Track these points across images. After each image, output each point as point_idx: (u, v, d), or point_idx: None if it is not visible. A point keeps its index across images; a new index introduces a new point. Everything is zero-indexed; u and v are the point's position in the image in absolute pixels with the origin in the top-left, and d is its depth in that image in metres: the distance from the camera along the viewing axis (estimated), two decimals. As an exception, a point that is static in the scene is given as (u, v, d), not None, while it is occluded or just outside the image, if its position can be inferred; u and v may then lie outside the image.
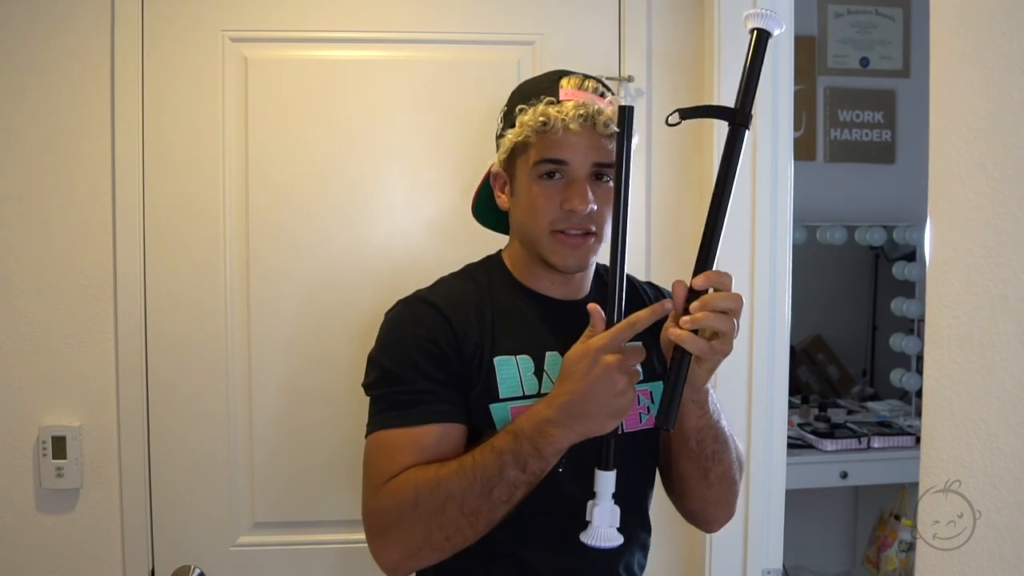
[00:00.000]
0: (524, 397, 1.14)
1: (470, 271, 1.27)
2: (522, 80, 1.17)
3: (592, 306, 1.03)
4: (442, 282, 1.24)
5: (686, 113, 1.02)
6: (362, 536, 1.09)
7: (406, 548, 1.05)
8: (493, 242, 1.32)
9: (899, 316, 2.96)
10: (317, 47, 1.66)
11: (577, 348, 1.02)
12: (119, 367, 1.62)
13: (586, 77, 1.18)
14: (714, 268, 1.02)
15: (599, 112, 1.12)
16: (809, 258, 2.69)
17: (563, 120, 1.11)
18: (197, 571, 1.65)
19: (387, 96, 1.67)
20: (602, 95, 1.17)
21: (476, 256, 1.29)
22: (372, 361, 1.15)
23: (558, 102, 1.13)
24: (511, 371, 1.15)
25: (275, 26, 1.65)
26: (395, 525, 1.05)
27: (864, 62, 2.93)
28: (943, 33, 0.86)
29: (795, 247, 1.75)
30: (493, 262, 1.28)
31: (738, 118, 1.02)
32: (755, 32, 1.03)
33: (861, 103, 2.93)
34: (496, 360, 1.15)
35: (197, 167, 1.64)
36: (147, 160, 1.62)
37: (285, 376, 1.68)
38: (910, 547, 2.70)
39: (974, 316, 0.82)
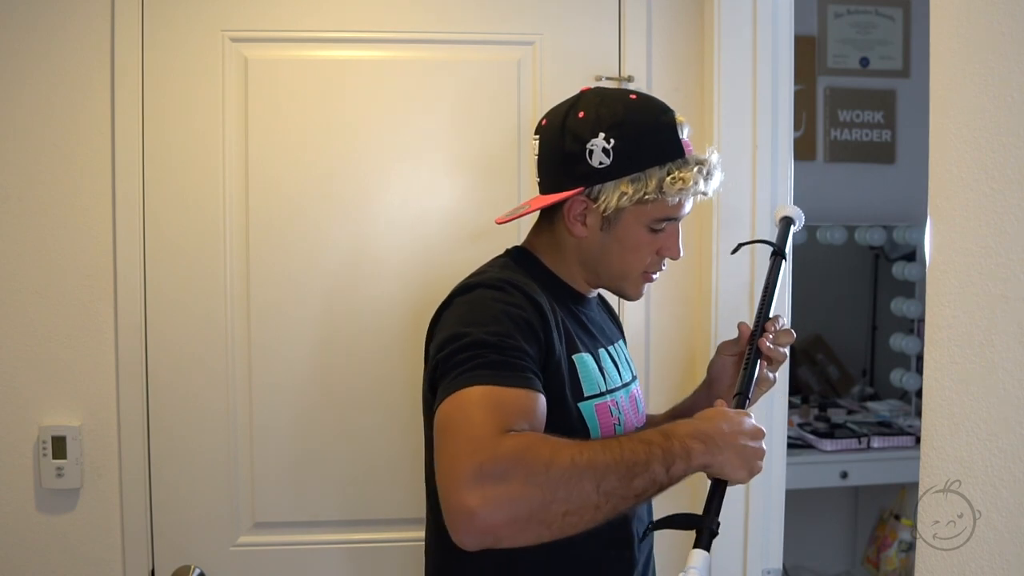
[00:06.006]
0: (599, 395, 1.18)
1: (511, 265, 1.22)
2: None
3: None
4: (504, 272, 1.17)
5: (743, 245, 1.41)
6: (363, 536, 1.08)
7: (515, 510, 0.91)
8: (495, 241, 1.32)
9: (899, 316, 2.95)
10: (317, 47, 1.66)
11: (744, 419, 1.06)
12: (119, 367, 1.62)
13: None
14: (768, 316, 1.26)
15: (716, 167, 1.18)
16: (809, 258, 2.69)
17: (705, 192, 1.17)
18: (197, 571, 1.65)
19: (387, 96, 1.67)
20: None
21: (478, 256, 1.29)
22: (453, 335, 1.05)
23: (685, 159, 1.16)
24: (588, 368, 1.18)
25: (275, 26, 1.65)
26: (516, 479, 0.91)
27: (864, 62, 2.93)
28: (943, 33, 0.86)
29: (795, 247, 1.74)
30: (527, 257, 1.24)
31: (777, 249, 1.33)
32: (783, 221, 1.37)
33: (861, 103, 2.93)
34: (575, 358, 1.16)
35: (197, 167, 1.64)
36: (147, 160, 1.62)
37: (286, 375, 1.67)
38: (910, 547, 2.70)
39: (974, 316, 0.82)
